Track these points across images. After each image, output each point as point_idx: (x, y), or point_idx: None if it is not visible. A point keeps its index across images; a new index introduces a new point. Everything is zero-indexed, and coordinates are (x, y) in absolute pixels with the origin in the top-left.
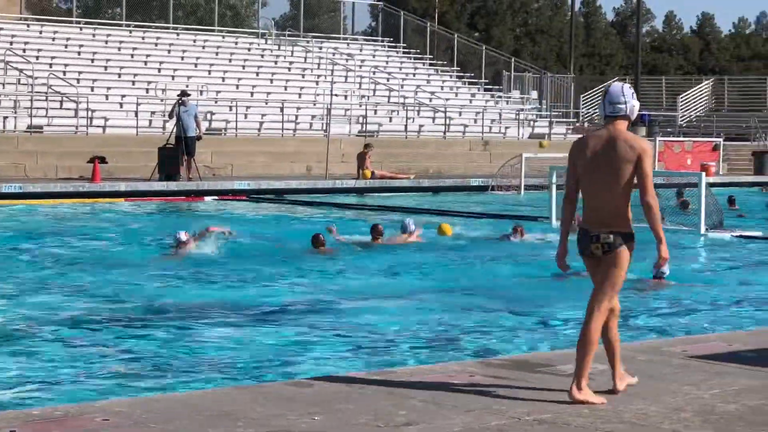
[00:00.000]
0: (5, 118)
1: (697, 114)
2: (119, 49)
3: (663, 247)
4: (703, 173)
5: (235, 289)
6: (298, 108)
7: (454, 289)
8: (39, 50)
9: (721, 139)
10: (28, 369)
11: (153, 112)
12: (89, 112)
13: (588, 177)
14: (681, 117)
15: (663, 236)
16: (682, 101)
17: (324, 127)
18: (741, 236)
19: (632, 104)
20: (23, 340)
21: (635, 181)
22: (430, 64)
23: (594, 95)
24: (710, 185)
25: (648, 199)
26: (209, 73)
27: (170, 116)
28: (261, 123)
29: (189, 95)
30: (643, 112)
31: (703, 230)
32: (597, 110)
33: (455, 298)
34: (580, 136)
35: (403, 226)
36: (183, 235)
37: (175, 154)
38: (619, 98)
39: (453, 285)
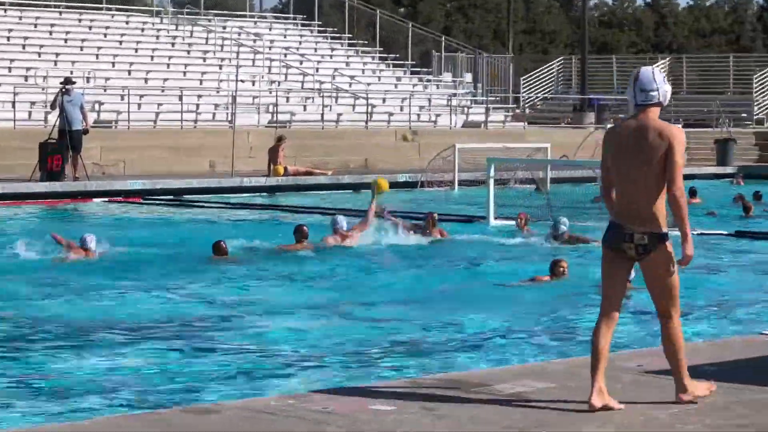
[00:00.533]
0: None
1: None
2: None
3: (688, 245)
4: None
5: (122, 303)
6: (200, 96)
7: (377, 300)
8: None
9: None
10: None
11: (33, 103)
12: None
13: (619, 168)
14: None
15: (689, 233)
16: None
17: (229, 118)
18: (702, 234)
19: (664, 90)
20: None
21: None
22: (350, 45)
23: (536, 77)
24: None
25: (675, 191)
26: (97, 58)
27: (53, 107)
28: (157, 114)
29: (74, 83)
30: (592, 96)
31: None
32: (539, 95)
33: (378, 310)
34: (611, 125)
35: (334, 221)
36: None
37: (59, 150)
38: (651, 85)
39: (377, 295)
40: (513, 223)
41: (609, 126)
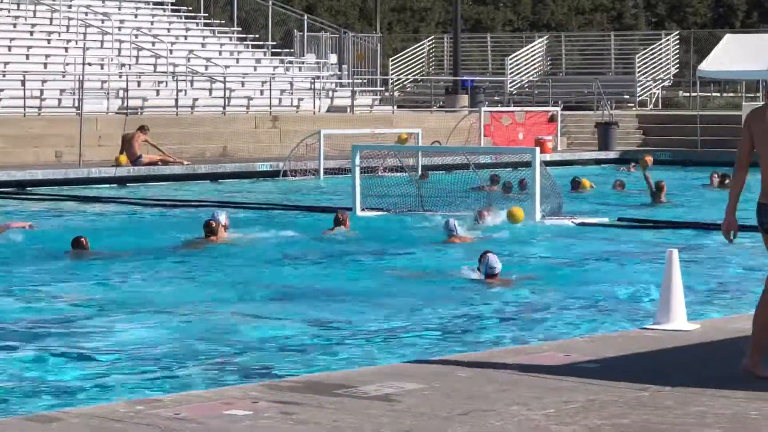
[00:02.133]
0: None
1: (530, 79)
2: None
3: None
4: (538, 149)
5: None
6: (44, 81)
7: (235, 298)
8: None
9: (558, 109)
10: None
11: None
12: None
13: (762, 149)
14: (510, 83)
15: None
16: (511, 64)
17: (76, 104)
18: (583, 224)
19: None
20: None
21: None
22: (205, 25)
23: (406, 58)
24: (546, 163)
25: None
26: None
27: None
28: None
29: None
30: (465, 78)
31: (538, 218)
32: (409, 77)
33: (235, 307)
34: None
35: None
36: None
37: None
38: None
39: (236, 293)
40: (381, 213)
41: (752, 108)
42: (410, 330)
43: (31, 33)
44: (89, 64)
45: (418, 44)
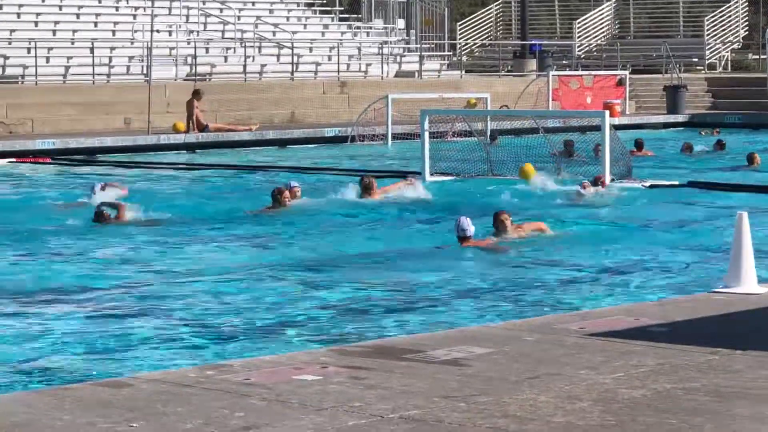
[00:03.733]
0: None
1: (598, 42)
2: None
3: None
4: (607, 113)
5: (20, 269)
6: (112, 48)
7: (304, 263)
8: None
9: (626, 72)
10: None
11: None
12: None
13: None
14: (579, 46)
15: None
16: (579, 27)
17: (145, 71)
18: (654, 186)
19: None
20: None
21: None
22: None
23: (473, 22)
24: (615, 127)
25: None
26: (0, 8)
27: None
28: (67, 68)
29: None
30: (533, 42)
31: (608, 181)
32: (477, 41)
33: (305, 274)
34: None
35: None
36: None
37: None
38: None
39: (304, 257)
40: (450, 178)
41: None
42: (472, 295)
43: (100, 0)
44: (157, 31)
45: (486, 8)
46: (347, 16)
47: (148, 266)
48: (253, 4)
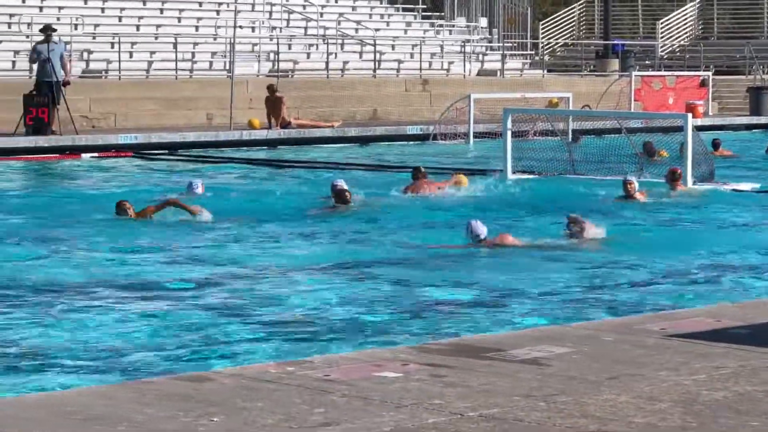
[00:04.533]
0: None
1: (681, 43)
2: None
3: None
4: (689, 114)
5: (104, 264)
6: (195, 44)
7: (382, 260)
8: None
9: (709, 73)
10: None
11: (17, 52)
12: None
13: None
14: (661, 47)
15: None
16: (662, 27)
17: (227, 67)
18: (735, 190)
19: None
20: None
21: None
22: None
23: (556, 21)
24: (697, 128)
25: None
26: (85, 3)
27: (33, 57)
28: (150, 63)
29: (55, 30)
30: (616, 41)
31: (690, 183)
32: (560, 40)
33: (384, 271)
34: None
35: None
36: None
37: (42, 102)
38: None
39: (383, 255)
40: (532, 176)
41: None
42: (554, 292)
43: None
44: (240, 27)
45: (569, 8)
46: (430, 14)
47: (228, 263)
48: (336, 1)
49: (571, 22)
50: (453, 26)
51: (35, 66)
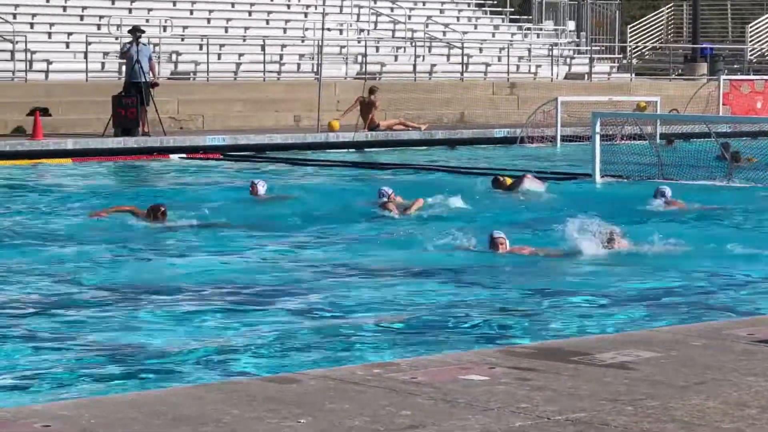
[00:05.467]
0: None
1: None
2: None
3: None
4: None
5: (197, 267)
6: (283, 46)
7: (466, 264)
8: None
9: None
10: None
11: (106, 53)
12: (28, 54)
13: None
14: (750, 50)
15: None
16: (752, 31)
17: (315, 69)
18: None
19: None
20: None
21: None
22: None
23: (644, 25)
24: None
25: None
26: (174, 5)
27: (122, 58)
28: (238, 65)
29: (143, 32)
30: (705, 45)
31: None
32: (648, 44)
33: (467, 275)
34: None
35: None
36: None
37: (130, 104)
38: None
39: (464, 258)
40: (621, 180)
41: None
42: (637, 297)
43: None
44: (328, 29)
45: (657, 11)
46: (518, 17)
47: (313, 264)
48: (424, 3)
49: (659, 26)
50: (541, 29)
51: (124, 67)
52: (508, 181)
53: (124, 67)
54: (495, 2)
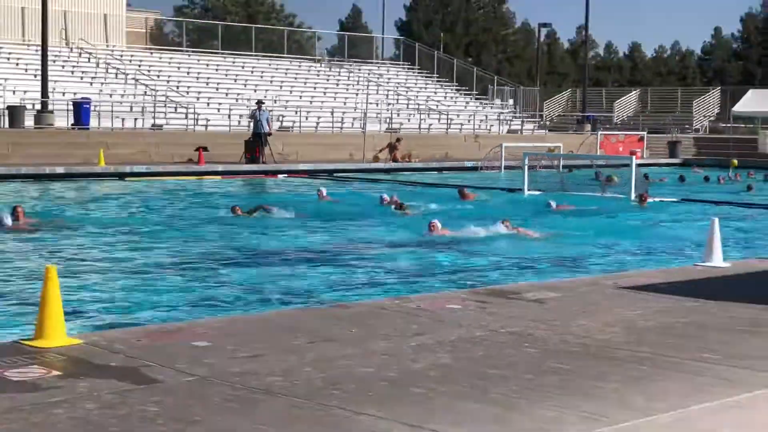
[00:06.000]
0: (135, 119)
1: (628, 114)
2: (217, 70)
3: None
4: (633, 157)
5: (299, 239)
6: (344, 112)
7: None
8: (159, 71)
9: (645, 133)
10: (153, 296)
11: (241, 115)
12: (196, 116)
13: None
14: (616, 117)
15: None
16: (617, 105)
17: (362, 126)
18: (661, 201)
19: None
20: (153, 279)
21: None
22: (437, 81)
23: (553, 102)
24: (638, 165)
25: None
26: (281, 88)
27: (251, 118)
28: (317, 123)
29: (264, 103)
30: (590, 113)
31: (633, 197)
32: (556, 113)
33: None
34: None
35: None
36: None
37: (255, 145)
38: None
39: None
40: (540, 193)
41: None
42: (545, 260)
43: (337, 84)
44: (370, 103)
45: (561, 93)
46: (480, 96)
47: (352, 241)
48: (425, 88)
49: (562, 102)
50: (493, 104)
51: (252, 123)
52: (471, 196)
53: (251, 124)
54: (467, 88)
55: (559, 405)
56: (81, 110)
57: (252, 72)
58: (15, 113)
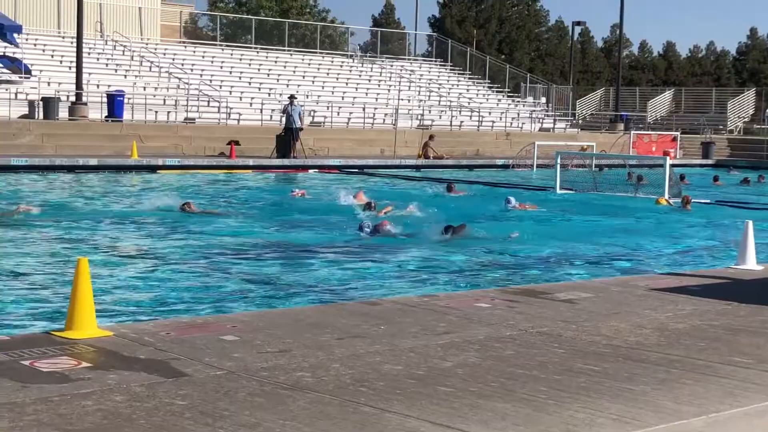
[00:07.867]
0: (168, 112)
1: (661, 114)
2: (250, 64)
3: None
4: (667, 157)
5: (321, 234)
6: (375, 108)
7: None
8: (193, 65)
9: (678, 133)
10: (182, 290)
11: (273, 110)
12: (228, 109)
13: None
14: (650, 116)
15: None
16: (650, 105)
17: (393, 122)
18: (696, 202)
19: None
20: (184, 272)
21: None
22: (469, 78)
23: (586, 101)
24: (671, 166)
25: None
26: (313, 83)
27: (283, 113)
28: (349, 118)
29: (296, 98)
30: (623, 113)
31: (667, 197)
32: (588, 111)
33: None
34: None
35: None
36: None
37: (287, 140)
38: None
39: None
40: (573, 191)
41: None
42: (582, 260)
43: (369, 80)
44: (401, 99)
45: (594, 92)
46: (512, 94)
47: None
48: (457, 85)
49: (595, 100)
50: (525, 102)
51: (283, 118)
52: (459, 192)
53: (283, 118)
54: (499, 86)
55: (589, 406)
56: (115, 102)
57: (284, 67)
58: (49, 105)
